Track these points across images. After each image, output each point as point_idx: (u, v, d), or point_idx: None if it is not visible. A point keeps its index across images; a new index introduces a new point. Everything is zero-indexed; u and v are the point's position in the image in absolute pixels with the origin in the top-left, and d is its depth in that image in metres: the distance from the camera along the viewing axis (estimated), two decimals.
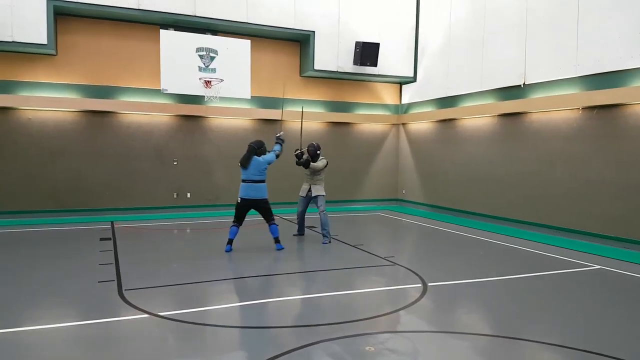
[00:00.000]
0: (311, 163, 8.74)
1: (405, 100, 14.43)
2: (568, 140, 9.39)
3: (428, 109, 13.38)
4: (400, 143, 14.67)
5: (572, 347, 4.24)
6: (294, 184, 10.23)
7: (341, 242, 8.80)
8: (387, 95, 14.48)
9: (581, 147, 9.13)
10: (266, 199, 7.91)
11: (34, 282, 6.13)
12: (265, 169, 7.89)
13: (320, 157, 8.91)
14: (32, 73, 10.79)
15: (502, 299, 5.67)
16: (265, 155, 7.97)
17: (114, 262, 7.13)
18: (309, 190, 8.86)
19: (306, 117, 13.23)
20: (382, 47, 12.86)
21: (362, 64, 12.68)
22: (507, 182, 10.76)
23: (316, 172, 8.80)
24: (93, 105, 11.17)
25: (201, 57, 10.77)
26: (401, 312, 5.17)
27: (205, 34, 11.27)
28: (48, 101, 10.78)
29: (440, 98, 12.86)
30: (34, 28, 9.94)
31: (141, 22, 11.43)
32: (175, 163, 12.18)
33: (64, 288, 5.90)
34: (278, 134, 8.46)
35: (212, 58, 10.84)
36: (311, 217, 11.92)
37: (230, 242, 7.88)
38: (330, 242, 8.69)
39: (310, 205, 9.08)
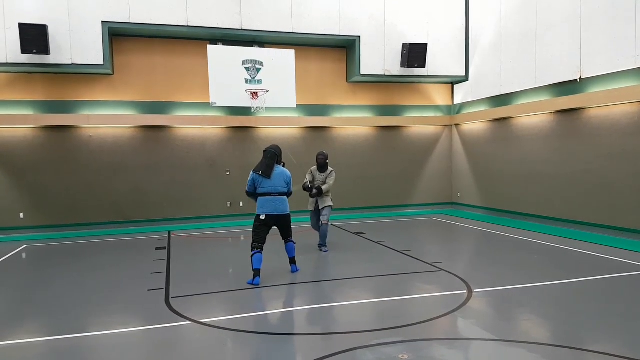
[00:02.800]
0: (323, 187, 8.35)
1: (458, 100, 14.03)
2: (629, 135, 8.77)
3: (481, 108, 12.94)
4: (453, 144, 14.28)
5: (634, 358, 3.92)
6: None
7: (388, 248, 8.65)
8: (438, 96, 14.15)
9: None
10: (290, 214, 6.91)
11: (88, 289, 6.47)
12: (290, 181, 6.89)
13: (330, 169, 8.53)
14: (91, 92, 11.45)
15: (552, 305, 5.35)
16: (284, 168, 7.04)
17: (165, 270, 7.40)
18: (317, 202, 8.52)
19: (354, 123, 13.26)
20: (430, 46, 12.61)
21: (410, 65, 12.47)
22: (565, 181, 10.18)
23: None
24: (149, 120, 11.71)
25: (247, 69, 11.01)
26: (441, 319, 5.00)
27: (252, 46, 11.54)
28: (107, 118, 11.41)
29: (494, 96, 12.41)
30: (91, 50, 10.56)
31: (190, 39, 11.87)
32: (228, 173, 12.50)
33: (115, 296, 6.16)
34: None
35: (258, 70, 11.06)
36: (365, 222, 11.84)
37: (257, 273, 6.42)
38: (327, 250, 8.50)
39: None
